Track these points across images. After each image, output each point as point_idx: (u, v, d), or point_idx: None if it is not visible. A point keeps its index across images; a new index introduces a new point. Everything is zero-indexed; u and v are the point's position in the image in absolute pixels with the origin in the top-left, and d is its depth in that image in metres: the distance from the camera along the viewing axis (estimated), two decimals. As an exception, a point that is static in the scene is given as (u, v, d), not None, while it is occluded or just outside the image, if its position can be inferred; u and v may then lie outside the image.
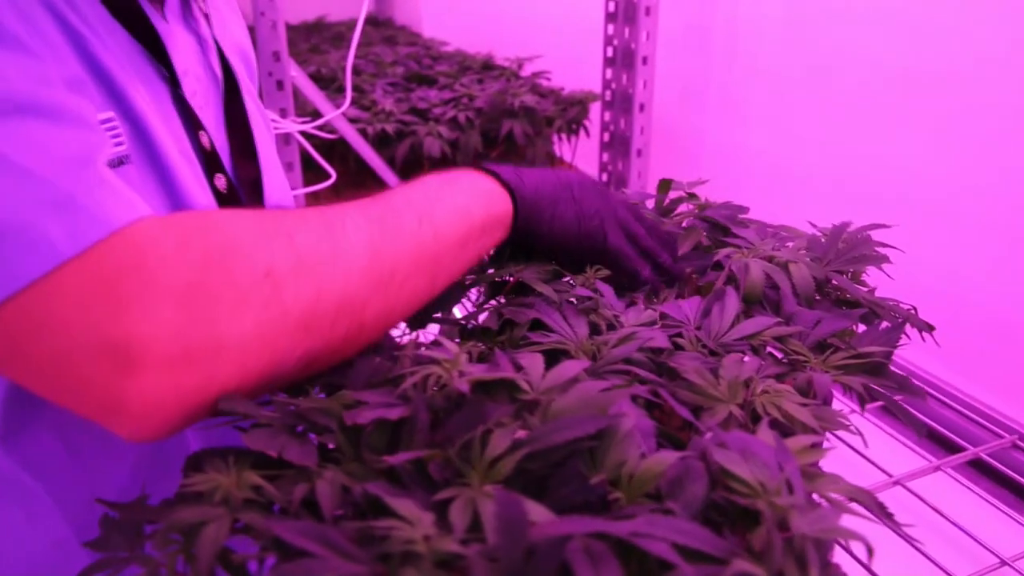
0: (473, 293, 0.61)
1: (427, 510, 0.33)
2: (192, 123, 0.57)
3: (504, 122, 1.58)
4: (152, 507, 0.39)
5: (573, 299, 0.54)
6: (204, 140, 0.58)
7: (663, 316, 0.52)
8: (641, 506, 0.33)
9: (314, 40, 2.52)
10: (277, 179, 0.68)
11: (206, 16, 0.63)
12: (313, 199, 1.46)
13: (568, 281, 0.58)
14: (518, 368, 0.42)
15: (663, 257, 0.61)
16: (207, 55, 0.62)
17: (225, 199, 0.59)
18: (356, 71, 1.91)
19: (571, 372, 0.41)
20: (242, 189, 0.62)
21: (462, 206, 0.50)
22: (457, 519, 0.32)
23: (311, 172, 1.52)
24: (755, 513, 0.32)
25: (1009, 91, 0.93)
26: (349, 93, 1.51)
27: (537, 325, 0.51)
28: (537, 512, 0.32)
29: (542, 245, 0.57)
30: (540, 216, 0.55)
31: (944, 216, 1.03)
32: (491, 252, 0.57)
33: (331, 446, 0.41)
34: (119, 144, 0.49)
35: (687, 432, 0.46)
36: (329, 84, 1.81)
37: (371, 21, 3.15)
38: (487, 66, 2.00)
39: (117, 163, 0.49)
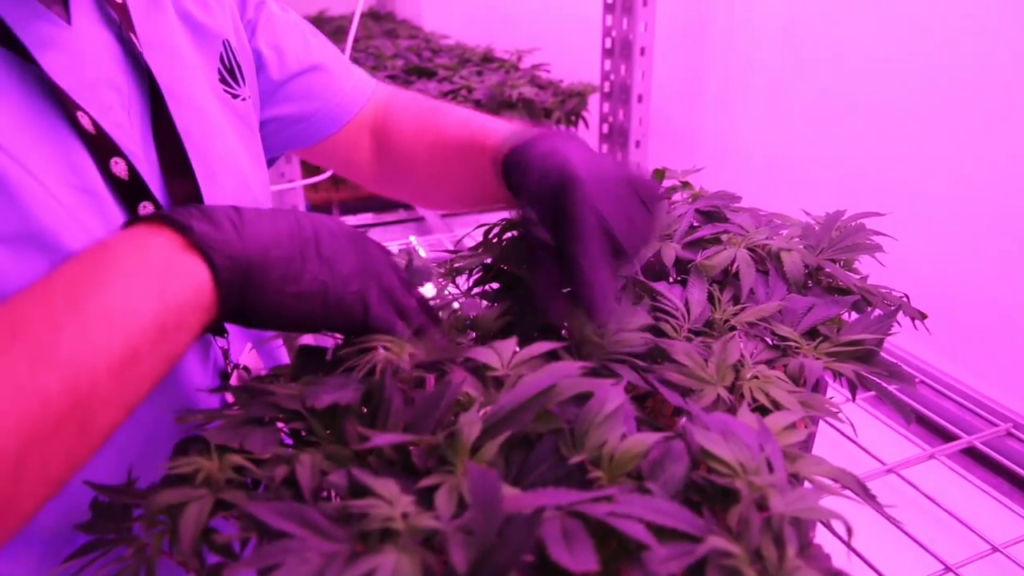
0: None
1: (406, 493, 0.33)
2: (102, 149, 0.49)
3: (503, 114, 1.57)
4: (139, 490, 0.40)
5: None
6: (118, 168, 0.49)
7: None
8: (621, 486, 0.34)
9: (315, 34, 2.52)
10: (235, 185, 0.60)
11: (121, 5, 0.55)
12: (311, 191, 1.46)
13: None
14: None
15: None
16: (133, 52, 0.54)
17: None
18: (356, 64, 1.91)
19: (542, 348, 0.41)
20: None
21: (117, 310, 0.35)
22: (443, 505, 0.32)
23: (309, 164, 1.52)
24: (734, 492, 0.32)
25: (1000, 82, 0.92)
26: (347, 85, 1.50)
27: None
28: (510, 492, 0.32)
29: (263, 320, 0.42)
30: (264, 283, 0.40)
31: (939, 205, 1.03)
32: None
33: (303, 433, 0.41)
34: None
35: (678, 421, 0.46)
36: (328, 77, 1.81)
37: (372, 15, 3.15)
38: (487, 59, 1.99)
39: None
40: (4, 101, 0.45)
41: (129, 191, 0.50)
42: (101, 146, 0.49)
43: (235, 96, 0.64)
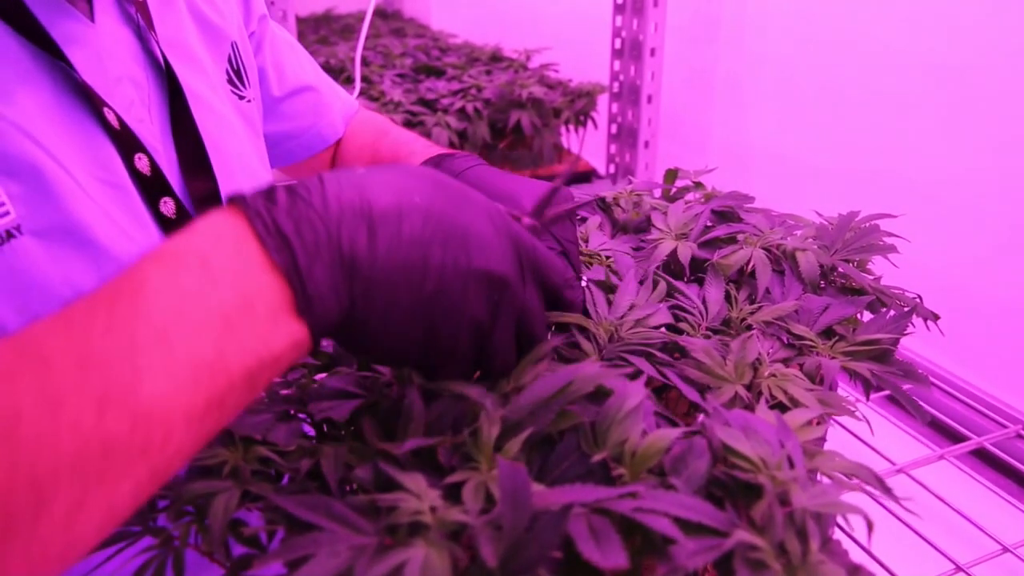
0: None
1: (432, 488, 0.33)
2: (127, 145, 0.50)
3: (512, 113, 1.57)
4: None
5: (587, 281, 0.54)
6: (141, 164, 0.50)
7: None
8: (645, 482, 0.34)
9: (323, 32, 2.52)
10: (249, 185, 0.56)
11: (142, 4, 0.55)
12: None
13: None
14: None
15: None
16: (151, 50, 0.55)
17: (173, 225, 0.51)
18: (365, 62, 1.91)
19: (546, 349, 0.41)
20: (194, 208, 0.54)
21: (209, 358, 0.30)
22: (471, 500, 0.32)
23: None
24: (757, 488, 0.33)
25: (1018, 80, 0.93)
26: (358, 83, 1.51)
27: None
28: (536, 488, 0.32)
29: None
30: (364, 337, 0.35)
31: (950, 207, 1.03)
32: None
33: (325, 428, 0.41)
34: (4, 215, 0.43)
35: (692, 418, 0.46)
36: (338, 75, 1.81)
37: (379, 13, 3.15)
38: (495, 58, 2.00)
39: (4, 238, 0.43)
40: (37, 97, 0.45)
41: (151, 186, 0.51)
42: (126, 142, 0.50)
43: (241, 97, 0.65)
